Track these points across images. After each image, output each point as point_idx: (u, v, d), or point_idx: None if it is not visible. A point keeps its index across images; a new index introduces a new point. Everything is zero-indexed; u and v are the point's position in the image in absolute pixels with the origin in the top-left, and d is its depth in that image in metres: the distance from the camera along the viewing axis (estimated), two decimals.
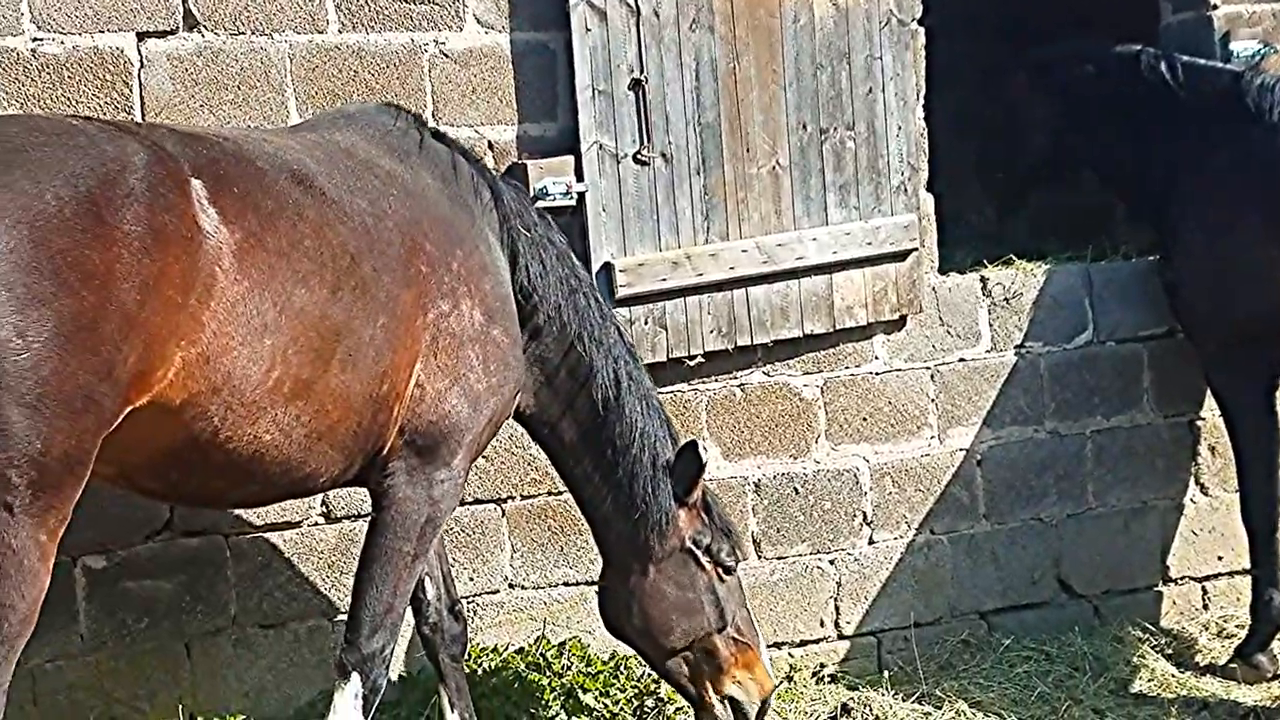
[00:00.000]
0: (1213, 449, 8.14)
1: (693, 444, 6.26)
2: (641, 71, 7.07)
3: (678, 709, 6.98)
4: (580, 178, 7.00)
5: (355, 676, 5.45)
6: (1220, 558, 8.25)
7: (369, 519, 5.66)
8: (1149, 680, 7.49)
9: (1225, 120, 7.68)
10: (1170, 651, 7.84)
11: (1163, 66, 7.87)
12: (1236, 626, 8.01)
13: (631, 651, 6.97)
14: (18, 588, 4.37)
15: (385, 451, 5.48)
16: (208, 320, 4.71)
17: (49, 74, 6.32)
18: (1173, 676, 7.56)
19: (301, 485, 5.41)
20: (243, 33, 6.62)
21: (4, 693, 4.40)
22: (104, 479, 4.87)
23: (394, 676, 6.73)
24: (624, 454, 6.20)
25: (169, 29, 6.50)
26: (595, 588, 6.87)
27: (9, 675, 4.41)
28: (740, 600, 6.52)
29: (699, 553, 6.36)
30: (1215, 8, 8.19)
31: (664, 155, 7.13)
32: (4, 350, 4.22)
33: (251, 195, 4.94)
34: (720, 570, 6.42)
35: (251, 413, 4.94)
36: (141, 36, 6.46)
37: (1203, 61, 7.97)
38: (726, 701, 6.36)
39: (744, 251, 7.26)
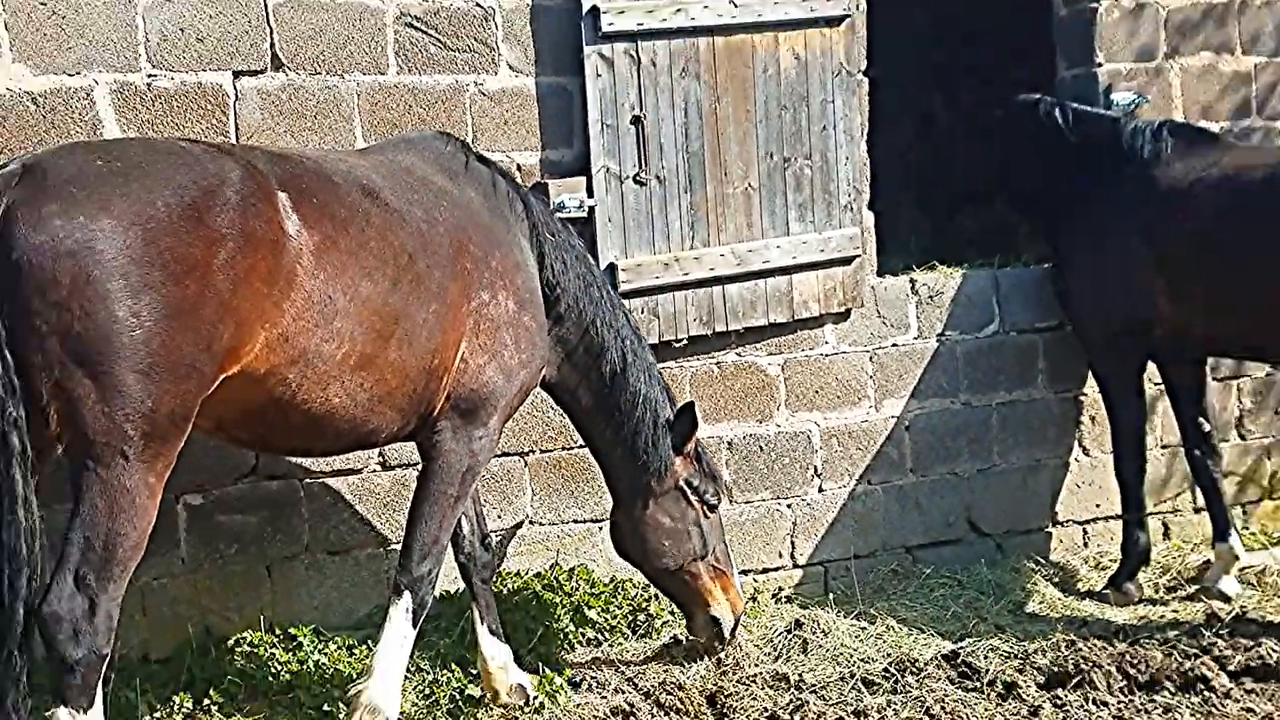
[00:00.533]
0: (1092, 418, 8.15)
1: (690, 405, 6.40)
2: (640, 109, 7.03)
3: (664, 623, 7.01)
4: (590, 194, 6.98)
5: (407, 594, 5.49)
6: (1098, 505, 8.28)
7: (419, 468, 5.68)
8: (1040, 603, 7.50)
9: (1106, 158, 7.68)
10: (1057, 580, 7.84)
11: (1056, 112, 7.87)
12: (1110, 560, 8.02)
13: (628, 575, 7.06)
14: (130, 521, 4.43)
15: (435, 413, 5.50)
16: (288, 307, 4.78)
17: (161, 104, 6.26)
18: (1059, 600, 7.56)
19: (365, 440, 5.45)
20: (319, 73, 6.56)
21: (118, 605, 4.48)
22: (203, 431, 4.93)
23: (436, 594, 6.79)
24: (630, 414, 6.23)
25: (259, 69, 6.47)
26: (599, 524, 6.93)
27: (123, 591, 4.50)
28: (720, 536, 6.62)
29: (689, 492, 6.47)
30: (1100, 65, 8.14)
31: (658, 177, 7.11)
32: (121, 327, 4.31)
33: (328, 205, 5.00)
34: (705, 508, 6.50)
35: (324, 381, 4.98)
36: (237, 75, 6.42)
37: (1089, 108, 7.95)
38: (710, 619, 6.49)
39: (721, 256, 7.25)
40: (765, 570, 7.62)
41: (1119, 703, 6.01)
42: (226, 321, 4.53)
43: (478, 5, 6.82)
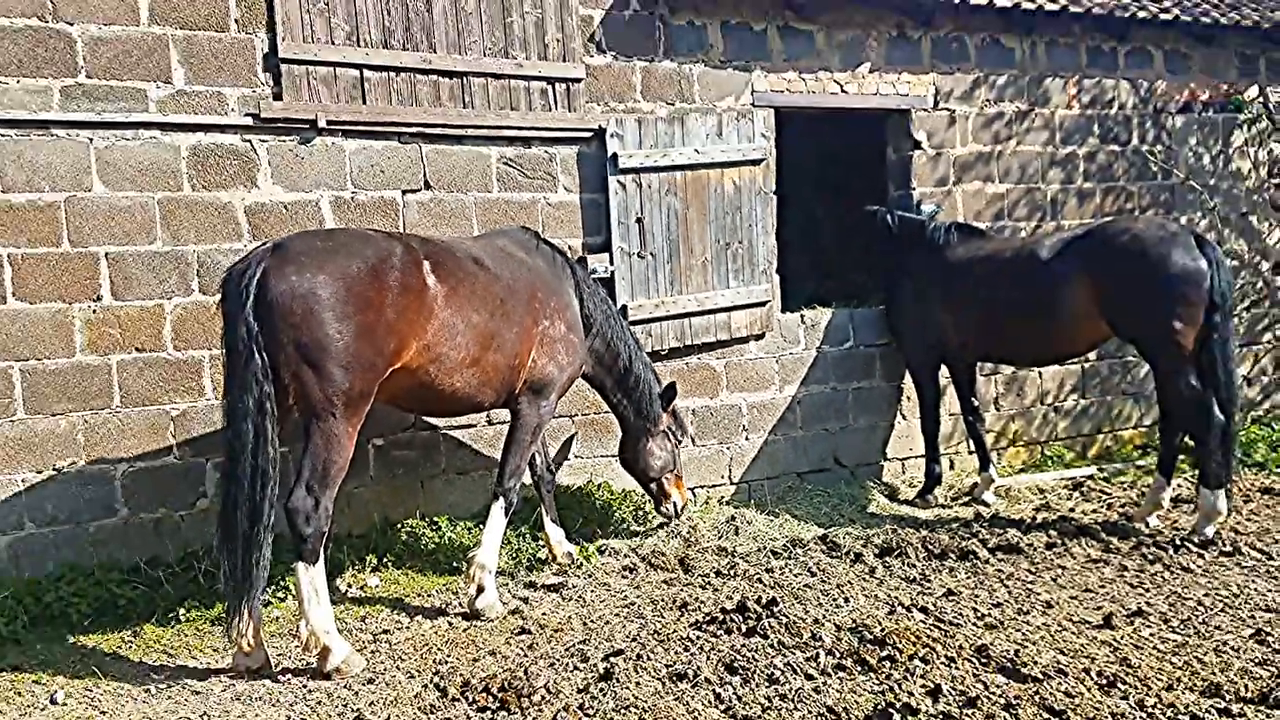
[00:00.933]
0: (908, 398, 8.02)
1: (673, 384, 6.59)
2: (641, 214, 7.02)
3: (653, 517, 7.00)
4: (611, 263, 6.97)
5: (501, 499, 5.56)
6: (911, 449, 8.17)
7: (509, 423, 5.71)
8: (877, 507, 7.47)
9: (917, 244, 7.68)
10: (887, 494, 7.79)
11: (888, 217, 7.89)
12: (918, 482, 7.96)
13: (633, 489, 7.08)
14: (338, 452, 4.57)
15: (516, 392, 5.58)
16: (429, 328, 4.91)
17: (359, 209, 6.32)
18: (888, 505, 7.52)
19: (476, 408, 5.50)
20: (452, 191, 6.59)
21: (332, 502, 4.60)
22: (381, 401, 4.99)
23: (519, 500, 6.86)
24: (635, 390, 6.34)
25: (417, 189, 6.52)
26: (614, 458, 6.96)
27: (334, 494, 4.60)
28: (679, 460, 6.74)
29: (669, 435, 6.59)
30: (914, 188, 8.13)
31: (652, 254, 7.07)
32: (331, 341, 4.48)
33: (454, 269, 5.09)
34: (676, 444, 6.63)
35: (450, 373, 5.09)
36: (404, 192, 6.47)
37: (908, 214, 7.93)
38: (671, 504, 6.65)
39: (689, 300, 7.17)
40: (714, 486, 7.58)
41: (923, 565, 6.04)
42: (392, 337, 4.68)
43: (546, 151, 6.87)
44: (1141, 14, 8.46)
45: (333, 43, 6.15)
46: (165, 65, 5.80)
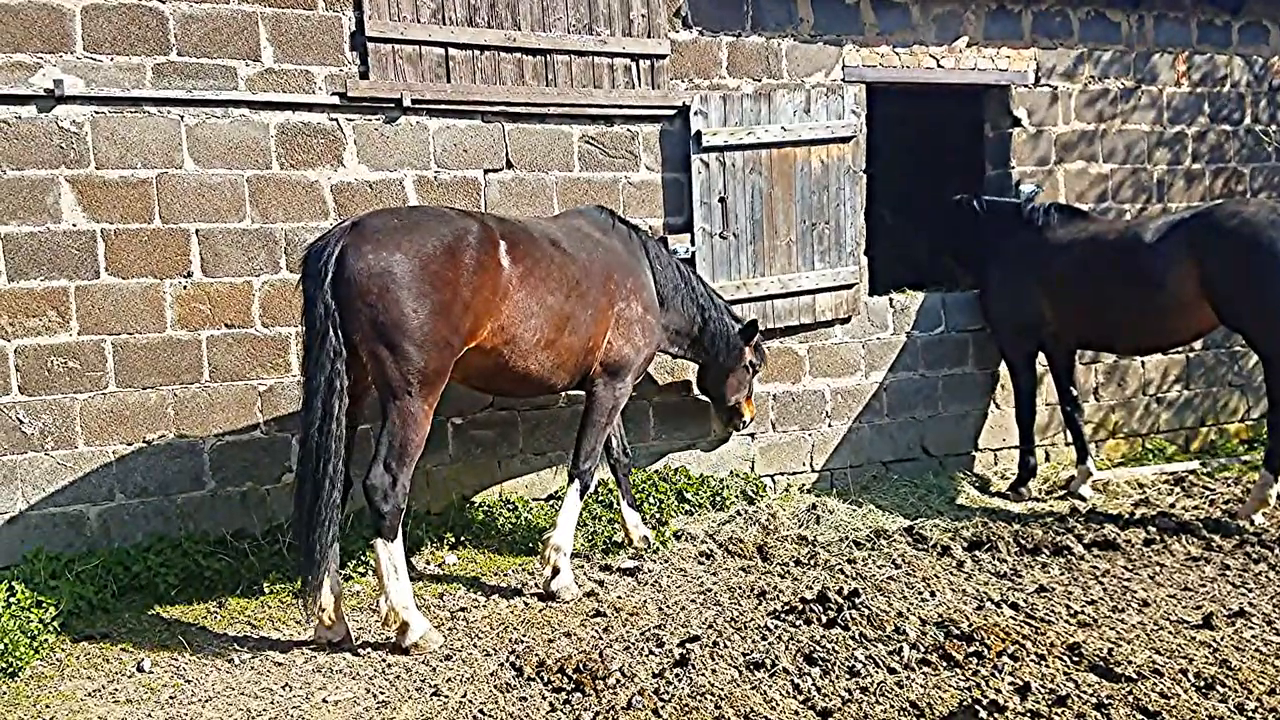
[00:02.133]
0: (1002, 386, 7.89)
1: (754, 321, 6.60)
2: (724, 193, 7.00)
3: (731, 502, 6.98)
4: (693, 243, 6.93)
5: (577, 480, 5.59)
6: (1004, 439, 7.95)
7: (585, 405, 5.71)
8: (966, 498, 7.32)
9: (1012, 227, 7.51)
10: (978, 485, 7.61)
11: (974, 203, 7.75)
12: (1011, 474, 7.79)
13: (711, 473, 7.09)
14: (415, 430, 4.62)
15: (592, 373, 5.58)
16: (504, 309, 4.92)
17: (441, 188, 6.39)
18: (978, 497, 7.36)
19: (551, 389, 5.49)
20: (534, 170, 6.62)
21: (409, 480, 4.66)
22: (456, 380, 5.03)
23: (596, 482, 6.90)
24: (713, 347, 6.41)
25: (499, 168, 6.56)
26: (692, 445, 7.01)
27: (411, 472, 4.65)
28: (753, 385, 6.99)
29: (748, 366, 6.73)
30: (1013, 167, 7.96)
31: (735, 234, 7.04)
32: (408, 319, 4.50)
33: (529, 250, 5.09)
34: (753, 373, 6.84)
35: (525, 353, 5.10)
36: (486, 172, 6.52)
37: (998, 199, 7.79)
38: (741, 421, 6.96)
39: (772, 282, 7.19)
40: (795, 473, 7.48)
41: (1014, 560, 5.93)
42: (468, 316, 4.70)
43: (628, 130, 6.86)
44: None
45: (419, 21, 6.21)
46: (255, 43, 5.92)
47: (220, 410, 6.03)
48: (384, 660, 4.64)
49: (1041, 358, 7.62)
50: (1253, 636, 4.63)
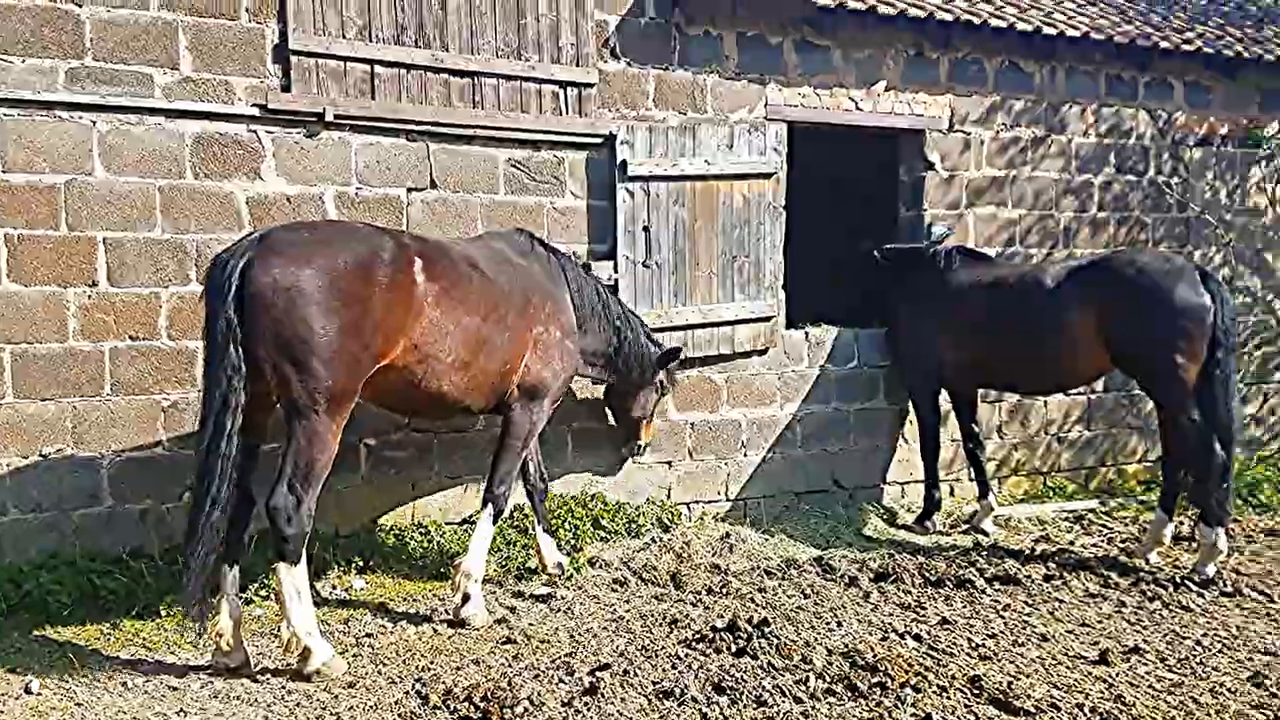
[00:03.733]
0: (910, 421, 7.97)
1: (677, 348, 6.74)
2: (648, 222, 7.04)
3: (646, 529, 7.00)
4: (617, 271, 6.96)
5: (490, 505, 5.53)
6: (911, 473, 8.10)
7: (501, 428, 5.65)
8: (873, 530, 7.47)
9: (918, 269, 7.67)
10: (885, 518, 7.75)
11: (875, 252, 7.95)
12: (917, 507, 7.89)
13: (627, 501, 7.11)
14: (321, 451, 4.51)
15: (508, 397, 5.52)
16: (418, 327, 4.85)
17: (363, 205, 6.31)
18: (885, 529, 7.52)
19: (465, 411, 5.44)
20: (459, 192, 6.59)
21: (315, 502, 4.56)
22: (367, 399, 4.95)
23: (509, 510, 6.85)
24: (629, 369, 6.44)
25: (422, 187, 6.51)
26: (608, 472, 7.05)
27: (317, 494, 4.55)
28: (656, 408, 7.01)
29: (658, 386, 6.83)
30: (925, 210, 8.14)
31: (658, 263, 7.06)
32: (315, 335, 4.40)
33: (446, 269, 5.03)
34: (661, 394, 6.95)
35: (439, 374, 5.02)
36: (409, 190, 6.47)
37: (905, 245, 8.03)
38: (637, 444, 7.02)
39: (693, 312, 7.23)
40: (710, 501, 7.52)
41: (919, 592, 6.03)
42: (379, 334, 4.61)
43: (554, 155, 6.88)
44: (1164, 44, 8.47)
45: (344, 36, 6.16)
46: (174, 51, 5.80)
47: (121, 425, 5.83)
48: (284, 687, 4.52)
49: (947, 397, 7.80)
50: (1146, 673, 4.77)
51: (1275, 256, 9.53)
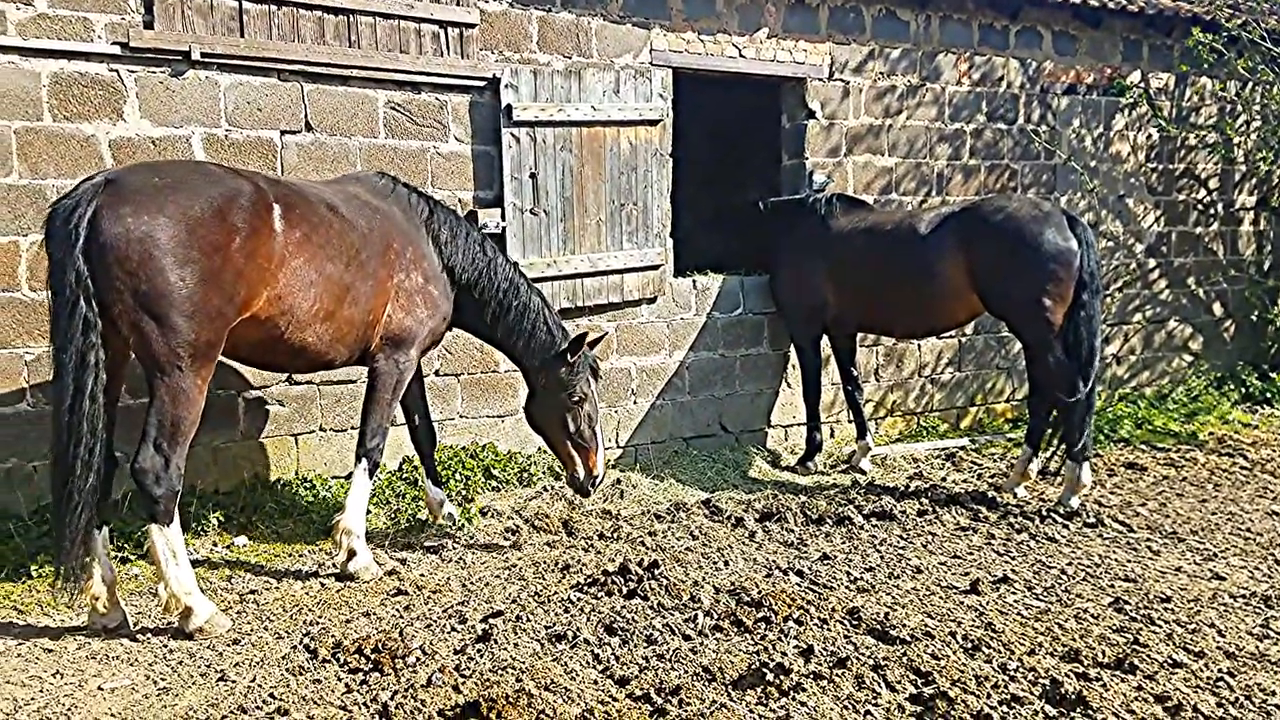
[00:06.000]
0: (793, 366, 8.19)
1: (583, 334, 5.90)
2: (535, 169, 6.97)
3: (538, 479, 7.02)
4: (504, 219, 6.88)
5: (365, 459, 5.39)
6: (794, 416, 8.31)
7: (368, 381, 5.46)
8: (758, 472, 7.63)
9: (799, 217, 7.82)
10: (770, 460, 7.94)
11: (760, 204, 8.13)
12: (799, 449, 8.17)
13: (519, 449, 7.07)
14: (187, 408, 4.37)
15: (373, 347, 5.38)
16: (280, 277, 4.70)
17: (233, 148, 6.10)
18: (770, 471, 7.70)
19: (329, 364, 5.25)
20: (335, 135, 6.43)
21: (184, 460, 4.43)
22: (228, 355, 4.81)
23: (397, 462, 6.82)
24: (518, 330, 5.90)
25: (296, 130, 6.33)
26: (501, 418, 6.94)
27: (185, 451, 4.42)
28: (596, 431, 6.09)
29: (579, 395, 5.97)
30: (807, 158, 8.27)
31: (545, 211, 7.03)
32: (173, 288, 4.24)
33: (305, 214, 4.86)
34: (585, 404, 6.00)
35: (302, 325, 4.88)
36: (282, 133, 6.28)
37: (785, 197, 8.17)
38: (576, 474, 6.03)
39: (582, 261, 7.23)
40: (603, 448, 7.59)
41: (801, 530, 6.20)
42: (240, 284, 4.45)
43: (437, 98, 6.75)
44: None
45: None
46: None
47: None
48: (166, 646, 4.41)
49: (827, 340, 7.99)
50: (1015, 601, 5.01)
51: (1136, 202, 10.00)
